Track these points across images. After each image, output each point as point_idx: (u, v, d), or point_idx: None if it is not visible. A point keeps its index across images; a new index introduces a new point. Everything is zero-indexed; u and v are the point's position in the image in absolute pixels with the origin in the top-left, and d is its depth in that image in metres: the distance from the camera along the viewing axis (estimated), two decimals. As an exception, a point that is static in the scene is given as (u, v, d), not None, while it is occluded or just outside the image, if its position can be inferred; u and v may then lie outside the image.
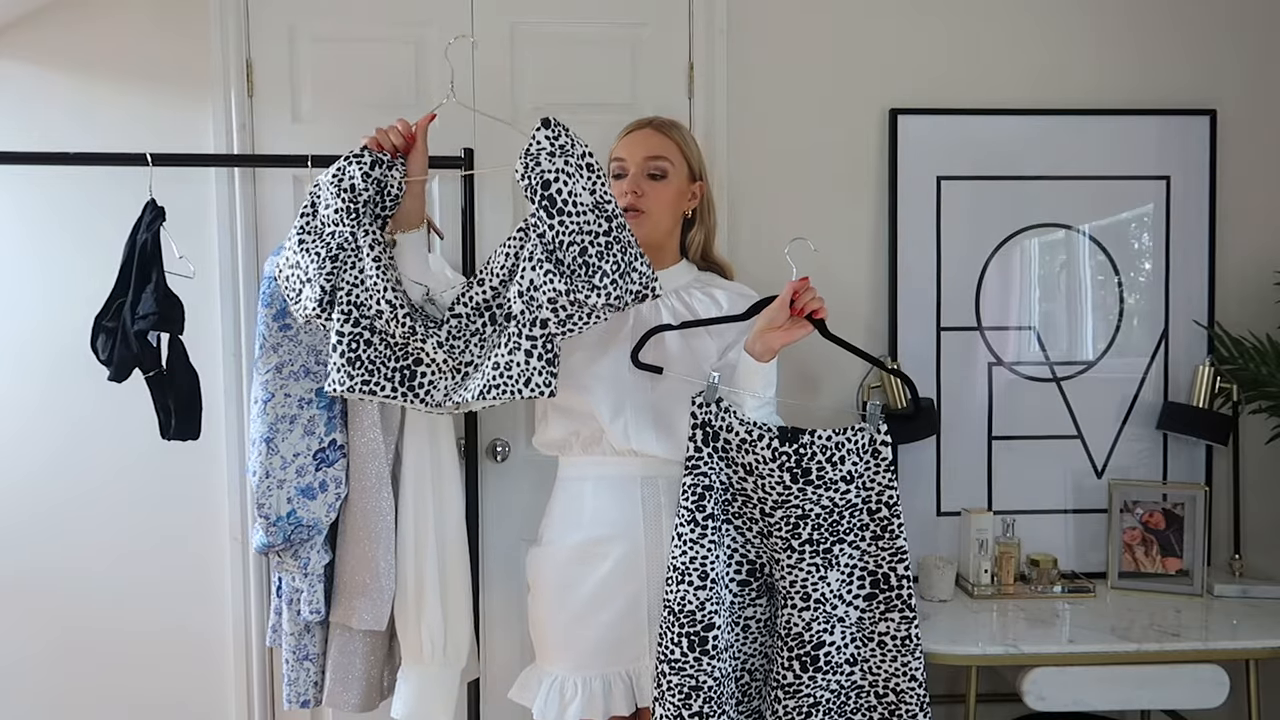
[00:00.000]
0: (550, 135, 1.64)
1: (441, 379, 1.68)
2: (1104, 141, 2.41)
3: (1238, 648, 2.01)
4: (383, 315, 1.65)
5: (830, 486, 1.72)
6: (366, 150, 1.72)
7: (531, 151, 1.63)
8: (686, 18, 2.36)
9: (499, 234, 2.31)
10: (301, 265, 1.70)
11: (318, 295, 1.67)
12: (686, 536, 1.71)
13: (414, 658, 2.00)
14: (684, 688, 1.71)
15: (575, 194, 1.62)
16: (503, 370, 1.63)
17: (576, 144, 1.65)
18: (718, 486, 1.76)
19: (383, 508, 1.97)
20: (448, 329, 1.68)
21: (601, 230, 1.62)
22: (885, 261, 2.41)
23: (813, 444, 1.72)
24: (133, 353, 1.90)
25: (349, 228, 1.69)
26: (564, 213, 1.61)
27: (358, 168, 1.69)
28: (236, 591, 2.34)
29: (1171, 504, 2.32)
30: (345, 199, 1.68)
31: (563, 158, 1.62)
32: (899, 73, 2.40)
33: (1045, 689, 1.98)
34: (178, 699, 2.37)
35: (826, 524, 1.73)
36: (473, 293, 1.69)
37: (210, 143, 2.28)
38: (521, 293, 1.61)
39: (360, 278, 1.67)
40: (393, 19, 2.31)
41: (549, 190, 1.61)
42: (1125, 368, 2.44)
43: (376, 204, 1.72)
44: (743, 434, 1.73)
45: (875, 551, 1.76)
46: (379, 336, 1.67)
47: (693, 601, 1.70)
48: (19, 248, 2.29)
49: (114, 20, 2.27)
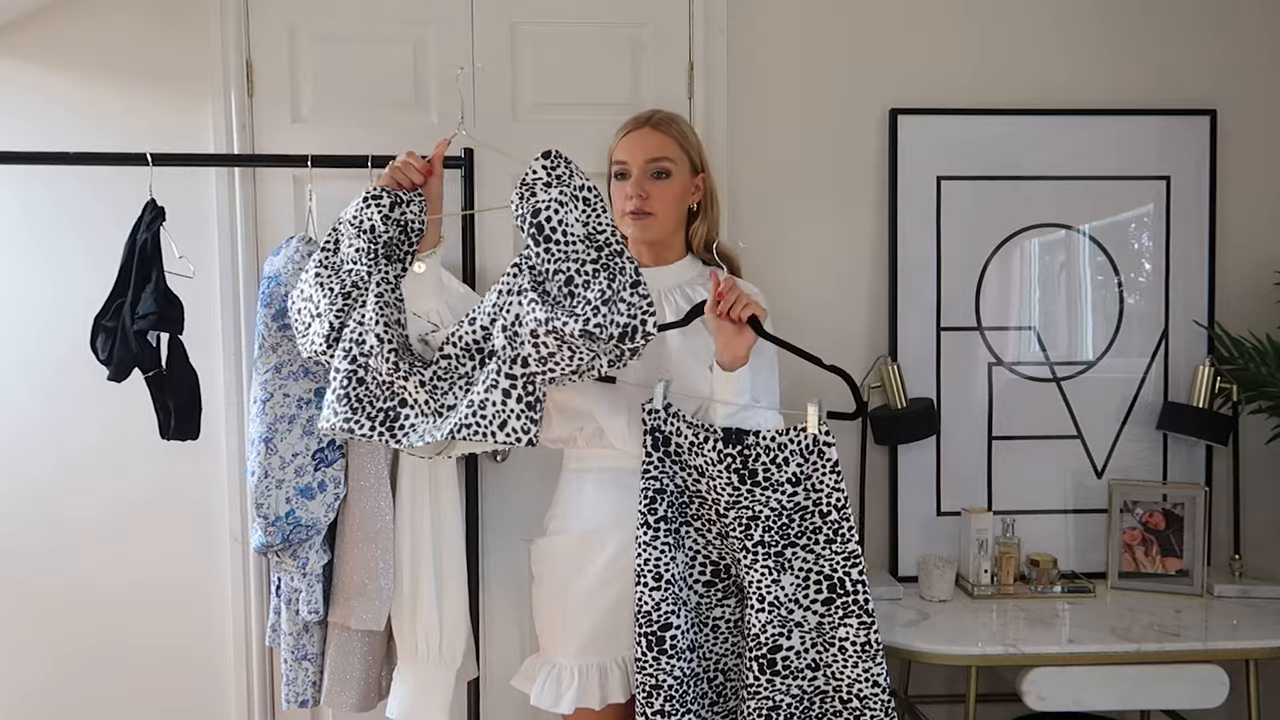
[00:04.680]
0: (548, 165, 1.60)
1: (422, 421, 1.62)
2: (1104, 141, 2.41)
3: (1238, 648, 2.01)
4: (372, 351, 1.62)
5: (776, 488, 1.71)
6: (385, 191, 1.69)
7: (528, 182, 1.60)
8: (686, 18, 2.36)
9: (499, 234, 2.32)
10: (314, 299, 1.69)
11: (325, 331, 1.66)
12: (640, 539, 1.74)
13: (409, 658, 2.00)
14: (646, 686, 1.74)
15: (566, 223, 1.57)
16: (476, 409, 1.55)
17: (575, 175, 1.61)
18: (672, 490, 1.77)
19: (381, 508, 1.97)
20: (434, 370, 1.63)
21: (589, 259, 1.56)
22: (885, 261, 2.41)
23: (757, 445, 1.71)
24: (132, 352, 1.90)
25: (365, 267, 1.67)
26: (551, 240, 1.57)
27: (377, 210, 1.67)
28: (236, 591, 2.34)
29: (1171, 504, 2.32)
30: (365, 240, 1.67)
31: (558, 188, 1.58)
32: (899, 73, 2.40)
33: (1045, 689, 1.98)
34: (177, 698, 2.37)
35: (776, 526, 1.72)
36: (462, 332, 1.63)
37: (210, 143, 2.28)
38: (505, 327, 1.55)
39: (364, 315, 1.65)
40: (392, 19, 2.31)
41: (538, 218, 1.57)
42: (1125, 368, 2.44)
43: (400, 243, 1.70)
44: (691, 437, 1.73)
45: (830, 555, 1.73)
46: (372, 375, 1.64)
47: (649, 602, 1.72)
48: (22, 247, 2.29)
49: (114, 20, 2.27)
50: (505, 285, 1.60)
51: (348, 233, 1.70)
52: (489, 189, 2.31)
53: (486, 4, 2.32)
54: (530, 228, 1.57)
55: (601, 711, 1.84)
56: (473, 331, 1.61)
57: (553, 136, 2.29)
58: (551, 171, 1.60)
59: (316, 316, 1.69)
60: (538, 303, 1.50)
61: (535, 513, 2.35)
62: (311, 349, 1.70)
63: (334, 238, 1.72)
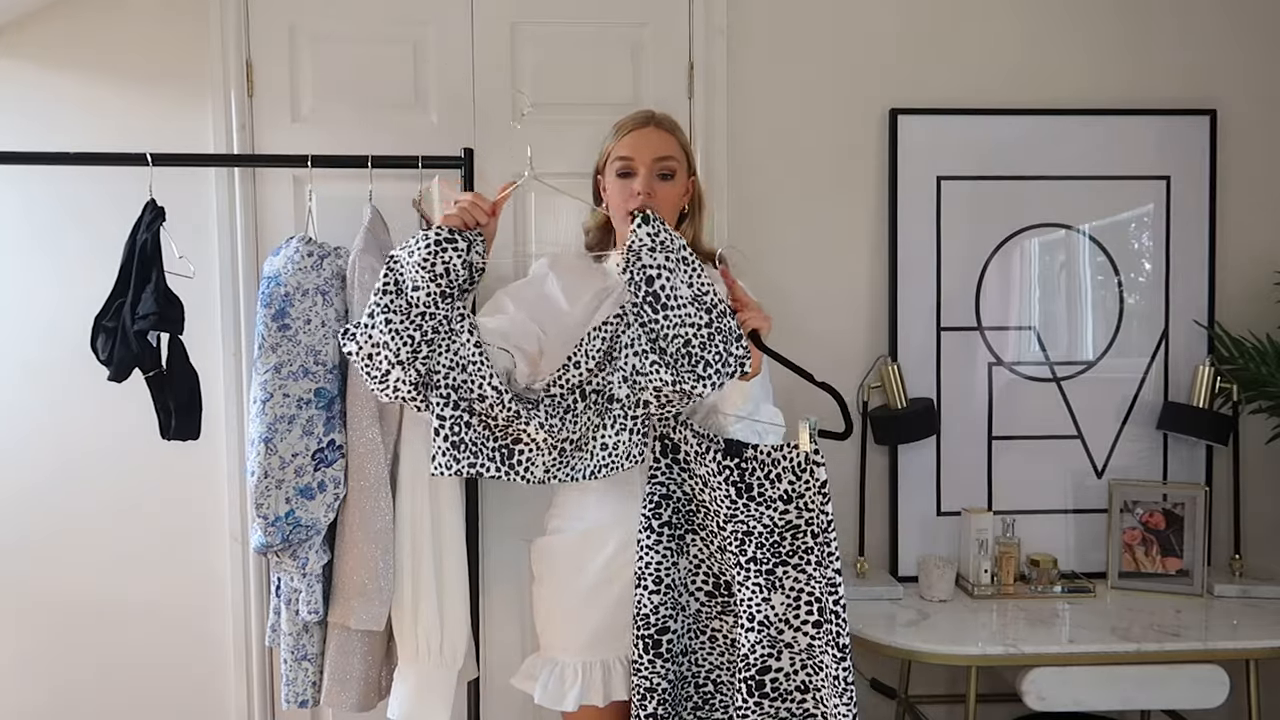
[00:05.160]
0: (651, 232, 1.69)
1: (539, 455, 1.72)
2: (1104, 141, 2.41)
3: (1238, 648, 2.01)
4: (486, 399, 1.69)
5: (769, 505, 1.70)
6: (457, 233, 1.71)
7: (634, 248, 1.69)
8: (686, 18, 2.36)
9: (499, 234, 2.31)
10: (391, 346, 1.68)
11: (413, 379, 1.68)
12: (643, 543, 1.76)
13: (410, 658, 2.00)
14: (641, 688, 1.76)
15: (676, 289, 1.69)
16: (611, 450, 1.71)
17: (674, 238, 1.71)
18: (679, 496, 1.78)
19: (381, 508, 1.97)
20: (544, 409, 1.71)
21: (703, 323, 1.69)
22: (885, 261, 2.41)
23: (754, 459, 1.70)
24: (132, 353, 1.90)
25: (444, 310, 1.70)
26: (667, 307, 1.68)
27: (455, 254, 1.70)
28: (236, 591, 2.34)
29: (1171, 504, 2.32)
30: (442, 284, 1.69)
31: (663, 253, 1.68)
32: (899, 73, 2.40)
33: (1045, 689, 1.98)
34: (178, 698, 2.37)
35: (769, 544, 1.70)
36: (569, 375, 1.72)
37: (210, 143, 2.28)
38: (625, 378, 1.68)
39: (457, 361, 1.69)
40: (392, 19, 2.31)
41: (653, 286, 1.68)
42: (1125, 368, 2.44)
43: (468, 283, 1.74)
44: (696, 445, 1.74)
45: (819, 578, 1.70)
46: (477, 418, 1.71)
47: (647, 605, 1.74)
48: (22, 246, 2.29)
49: (114, 20, 2.27)
50: (608, 332, 1.70)
51: (414, 275, 1.69)
52: (489, 190, 2.30)
53: (486, 4, 2.32)
54: (646, 296, 1.69)
55: (605, 708, 1.85)
56: (579, 374, 1.71)
57: (553, 136, 2.31)
58: (655, 237, 1.69)
59: (397, 364, 1.69)
60: (660, 365, 1.67)
61: (535, 513, 2.34)
62: (395, 396, 1.71)
63: (393, 279, 1.71)
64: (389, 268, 1.71)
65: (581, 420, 1.72)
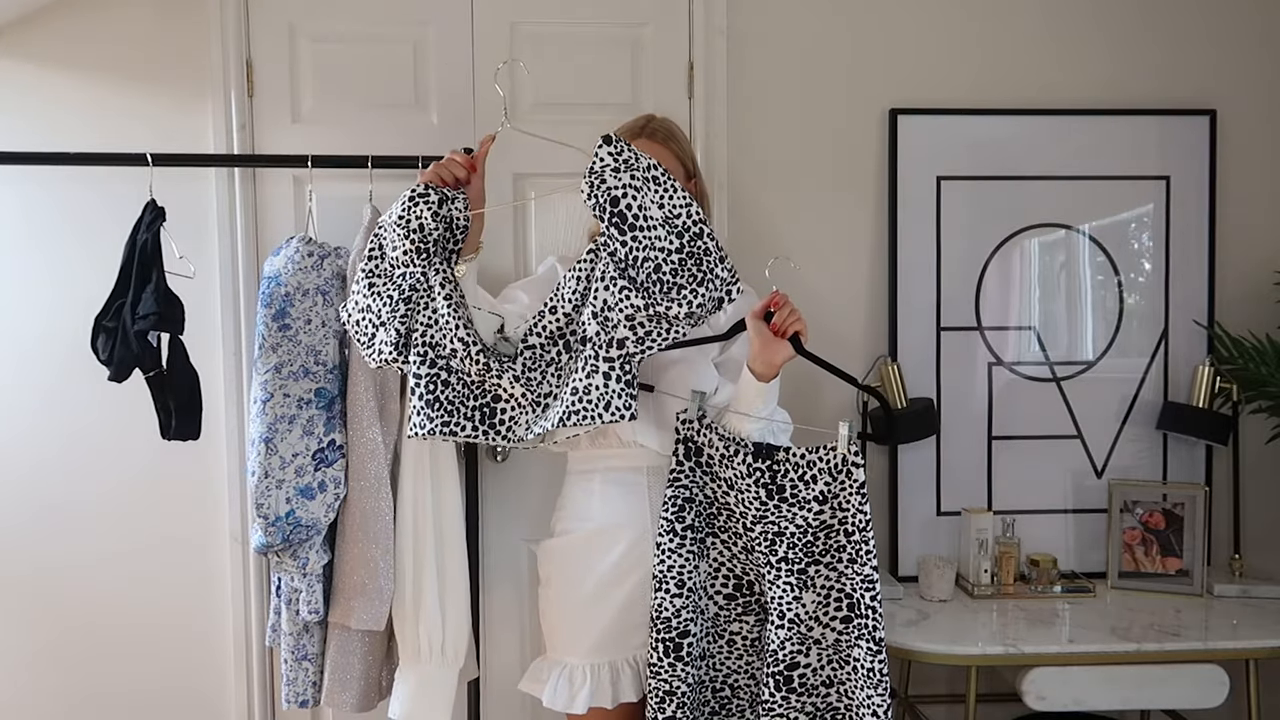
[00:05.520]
0: (613, 151, 1.60)
1: (521, 413, 1.65)
2: (1104, 141, 2.41)
3: (1238, 648, 2.01)
4: (457, 354, 1.63)
5: (803, 505, 1.71)
6: (431, 188, 1.68)
7: (596, 169, 1.59)
8: (686, 18, 2.36)
9: (499, 234, 2.32)
10: (373, 309, 1.68)
11: (393, 339, 1.65)
12: (665, 546, 1.76)
13: (411, 658, 2.00)
14: (660, 691, 1.76)
15: (645, 208, 1.59)
16: (581, 395, 1.60)
17: (640, 158, 1.62)
18: (701, 500, 1.79)
19: (381, 508, 1.97)
20: (522, 361, 1.65)
21: (674, 247, 1.59)
22: (885, 261, 2.41)
23: (786, 461, 1.72)
24: (133, 353, 1.90)
25: (420, 268, 1.65)
26: (635, 228, 1.58)
27: (425, 207, 1.65)
28: (236, 591, 2.34)
29: (1171, 504, 2.32)
30: (415, 239, 1.65)
31: (627, 172, 1.58)
32: (899, 73, 2.40)
33: (1045, 689, 1.98)
34: (178, 698, 2.37)
35: (801, 544, 1.72)
36: (545, 321, 1.65)
37: (210, 143, 2.28)
38: (595, 313, 1.59)
39: (433, 317, 1.64)
40: (392, 19, 2.31)
41: (618, 207, 1.58)
42: (1125, 368, 2.44)
43: (446, 240, 1.68)
44: (722, 449, 1.75)
45: (851, 575, 1.73)
46: (455, 376, 1.64)
47: (669, 609, 1.75)
48: (22, 247, 2.29)
49: (114, 20, 2.27)
50: (583, 270, 1.62)
51: (393, 235, 1.67)
52: (488, 190, 2.30)
53: (486, 4, 2.32)
54: (611, 217, 1.57)
55: (614, 710, 1.85)
56: (555, 320, 1.63)
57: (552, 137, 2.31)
58: (618, 157, 1.59)
59: (380, 326, 1.67)
60: (630, 289, 1.55)
61: (535, 513, 2.35)
62: (380, 359, 1.68)
63: (377, 243, 1.70)
64: (374, 234, 1.70)
65: (564, 371, 1.64)
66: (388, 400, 1.99)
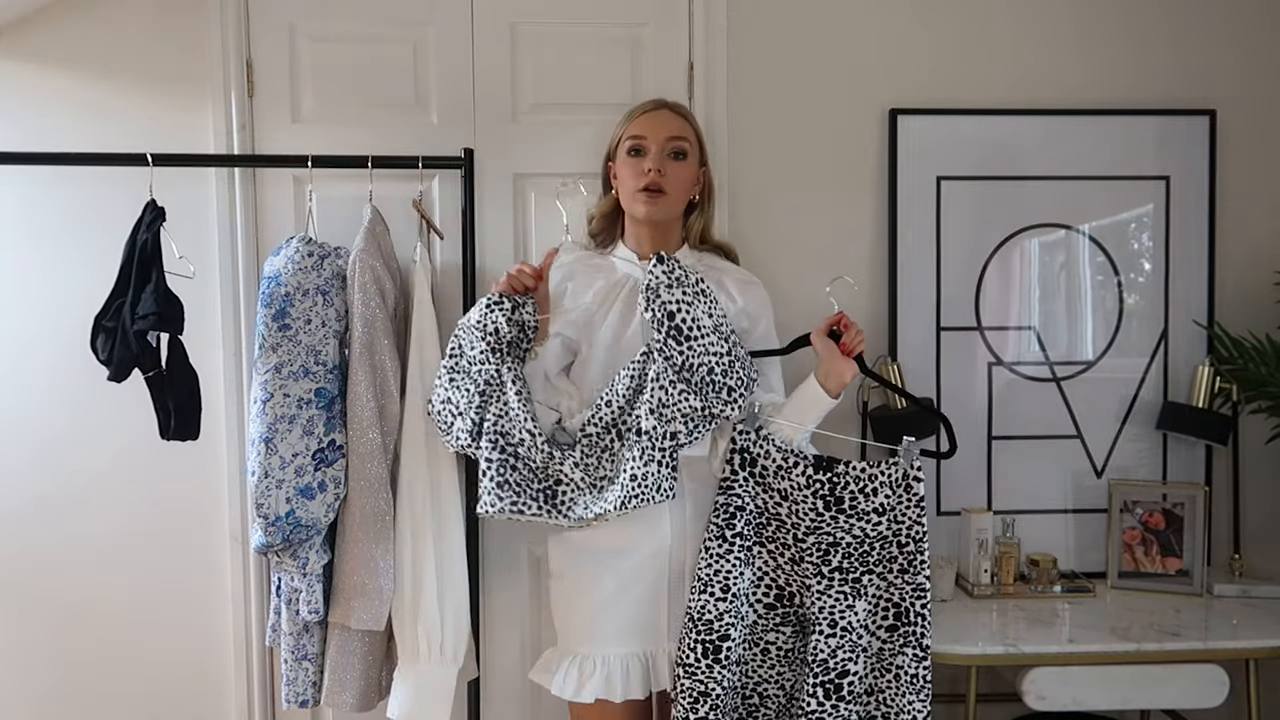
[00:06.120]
0: (666, 270, 1.81)
1: (580, 495, 1.82)
2: (1104, 142, 2.41)
3: (1238, 648, 2.01)
4: (524, 444, 1.81)
5: (862, 517, 1.79)
6: (505, 296, 1.86)
7: (651, 285, 1.80)
8: (686, 18, 2.36)
9: (499, 234, 2.33)
10: (453, 400, 1.87)
11: (469, 428, 1.83)
12: (713, 551, 1.82)
13: (411, 658, 2.00)
14: (694, 692, 1.80)
15: (697, 319, 1.79)
16: (640, 481, 1.77)
17: (689, 274, 1.82)
18: (751, 509, 1.85)
19: (381, 508, 1.97)
20: (580, 449, 1.83)
21: (724, 351, 1.81)
22: (885, 261, 2.41)
23: (846, 474, 1.80)
24: (132, 353, 1.90)
25: (494, 365, 1.84)
26: (690, 338, 1.78)
27: (500, 314, 1.85)
28: (236, 591, 2.34)
29: (1171, 504, 2.32)
30: (491, 341, 1.84)
31: (679, 289, 1.79)
32: (899, 73, 2.40)
33: (1045, 689, 1.98)
34: (178, 697, 2.37)
35: (857, 554, 1.80)
36: (601, 413, 1.84)
37: (210, 143, 2.28)
38: (652, 410, 1.78)
39: (504, 409, 1.83)
40: (392, 19, 2.31)
41: (674, 320, 1.78)
42: (1125, 368, 2.44)
43: (519, 340, 1.87)
44: (779, 460, 1.83)
45: (900, 584, 1.81)
46: (522, 462, 1.83)
47: (711, 612, 1.80)
48: (21, 246, 2.29)
49: (114, 20, 2.27)
50: (636, 370, 1.82)
51: (470, 337, 1.87)
52: (489, 190, 2.32)
53: (486, 4, 2.32)
54: (669, 330, 1.79)
55: (620, 706, 1.85)
56: (610, 411, 1.83)
57: (552, 137, 2.31)
58: (670, 274, 1.81)
59: (458, 415, 1.85)
60: (689, 393, 1.78)
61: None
62: (458, 445, 1.86)
63: (456, 344, 1.90)
64: (454, 336, 1.91)
65: (618, 458, 1.83)
66: (388, 400, 1.99)
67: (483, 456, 1.81)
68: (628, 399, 1.83)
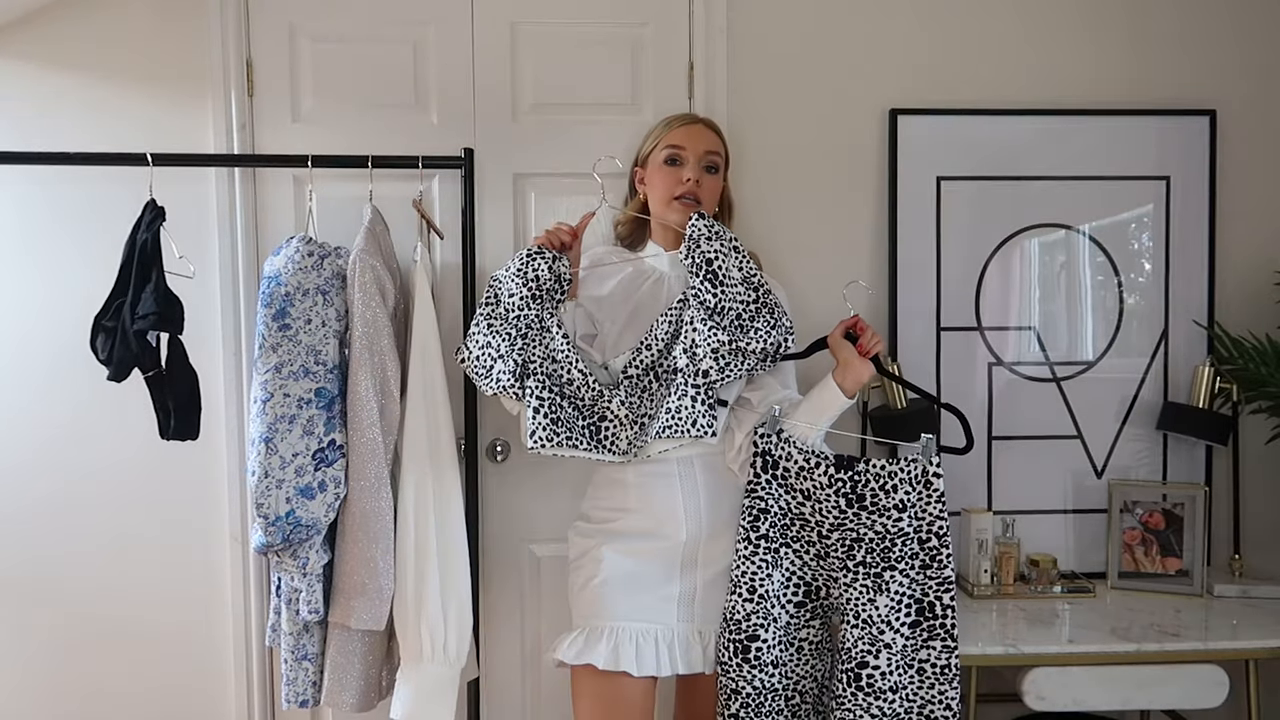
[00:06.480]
0: (707, 224, 1.93)
1: (623, 430, 1.91)
2: (1104, 142, 2.41)
3: (1238, 648, 2.01)
4: (574, 382, 1.93)
5: (883, 513, 1.83)
6: (544, 249, 1.95)
7: (694, 236, 1.93)
8: (686, 18, 2.36)
9: (499, 233, 2.33)
10: (493, 345, 1.92)
11: (512, 369, 1.90)
12: (740, 553, 1.89)
13: (413, 658, 2.00)
14: (726, 689, 1.87)
15: (729, 271, 1.92)
16: (674, 413, 1.87)
17: (725, 230, 1.95)
18: (776, 511, 1.90)
19: (382, 508, 1.97)
20: (624, 388, 1.94)
21: (751, 299, 1.92)
22: (885, 261, 2.41)
23: (867, 472, 1.85)
24: (132, 352, 1.90)
25: (535, 311, 1.93)
26: (722, 284, 1.90)
27: (543, 262, 1.93)
28: (236, 591, 2.34)
29: (1171, 504, 2.32)
30: (531, 288, 1.92)
31: (718, 241, 1.92)
32: (899, 73, 2.40)
33: (1045, 689, 1.98)
34: (177, 698, 2.37)
35: (879, 549, 1.83)
36: (642, 356, 1.95)
37: (210, 143, 2.28)
38: (685, 349, 1.89)
39: (549, 352, 1.93)
40: (392, 19, 2.31)
41: (711, 267, 1.91)
42: (1125, 368, 2.44)
43: (554, 290, 1.95)
44: (801, 461, 1.88)
45: (924, 580, 1.85)
46: (569, 401, 1.93)
47: (739, 612, 1.86)
48: (21, 247, 2.29)
49: (114, 20, 2.27)
50: (673, 315, 1.94)
51: (511, 284, 1.93)
52: (489, 190, 2.32)
53: (486, 4, 2.32)
54: (706, 274, 1.91)
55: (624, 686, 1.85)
56: (650, 355, 1.95)
57: (553, 137, 2.31)
58: (711, 229, 1.93)
59: (499, 358, 1.91)
60: (717, 328, 1.88)
61: (535, 513, 2.36)
62: (497, 387, 1.91)
63: (493, 293, 1.95)
64: (489, 286, 1.96)
65: (657, 397, 1.93)
66: (388, 400, 1.99)
67: (533, 395, 1.88)
68: (666, 343, 1.94)
